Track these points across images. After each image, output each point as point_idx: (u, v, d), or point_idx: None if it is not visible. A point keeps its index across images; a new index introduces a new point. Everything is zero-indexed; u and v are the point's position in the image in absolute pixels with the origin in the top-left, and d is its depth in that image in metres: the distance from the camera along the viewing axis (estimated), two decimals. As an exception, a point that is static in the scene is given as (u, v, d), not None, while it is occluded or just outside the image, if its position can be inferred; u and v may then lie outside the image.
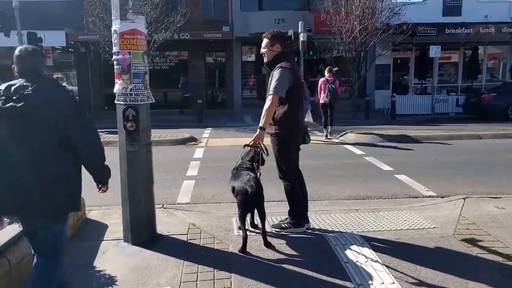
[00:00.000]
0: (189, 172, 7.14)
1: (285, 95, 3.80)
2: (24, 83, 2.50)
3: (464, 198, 5.11)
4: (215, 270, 3.29)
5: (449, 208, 4.82)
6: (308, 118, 11.17)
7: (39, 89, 2.48)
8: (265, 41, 4.03)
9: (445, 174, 6.93)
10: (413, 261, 3.42)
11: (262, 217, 3.73)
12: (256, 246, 3.71)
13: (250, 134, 4.23)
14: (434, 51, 17.29)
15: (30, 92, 2.46)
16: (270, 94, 3.77)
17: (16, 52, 2.62)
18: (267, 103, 3.77)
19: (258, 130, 3.79)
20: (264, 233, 3.75)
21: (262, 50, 4.08)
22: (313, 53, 18.35)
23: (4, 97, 2.45)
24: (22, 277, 2.93)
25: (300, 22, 16.59)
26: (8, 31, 15.98)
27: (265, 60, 4.09)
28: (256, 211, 3.84)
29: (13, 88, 2.48)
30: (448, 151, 9.12)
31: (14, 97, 2.44)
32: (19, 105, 2.41)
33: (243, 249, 3.61)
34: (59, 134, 2.50)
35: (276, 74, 3.81)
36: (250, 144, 3.85)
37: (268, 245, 3.70)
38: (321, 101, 10.90)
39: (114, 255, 3.61)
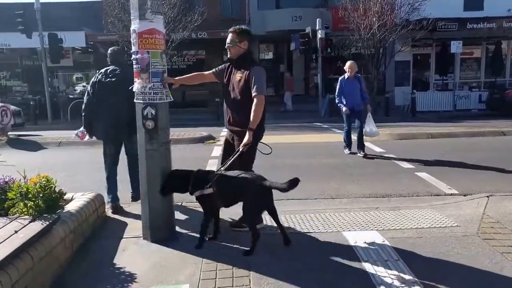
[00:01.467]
0: (207, 170, 7.14)
1: None
2: (114, 67, 4.64)
3: (487, 196, 4.96)
4: (234, 267, 3.28)
5: (472, 206, 4.70)
6: (371, 126, 8.38)
7: (122, 71, 4.59)
8: (232, 35, 3.92)
9: (467, 171, 6.78)
10: (435, 260, 3.36)
11: (276, 214, 3.71)
12: (274, 243, 3.69)
13: (268, 131, 4.21)
14: (456, 47, 16.96)
15: (119, 72, 4.58)
16: (258, 94, 3.73)
17: (109, 50, 4.81)
18: (256, 103, 3.73)
19: (248, 132, 3.71)
20: (284, 231, 3.73)
21: (228, 45, 3.96)
22: (331, 50, 18.21)
23: (105, 75, 4.57)
24: (45, 274, 2.98)
25: (317, 19, 16.50)
26: (30, 33, 16.34)
27: (229, 55, 4.01)
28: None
29: (109, 70, 4.63)
30: (471, 148, 8.92)
31: (110, 75, 4.57)
32: (113, 79, 4.54)
33: (251, 251, 3.51)
34: (130, 96, 3.84)
35: (256, 74, 3.79)
36: (245, 149, 3.74)
37: (287, 242, 3.68)
38: None
39: (134, 253, 3.65)
